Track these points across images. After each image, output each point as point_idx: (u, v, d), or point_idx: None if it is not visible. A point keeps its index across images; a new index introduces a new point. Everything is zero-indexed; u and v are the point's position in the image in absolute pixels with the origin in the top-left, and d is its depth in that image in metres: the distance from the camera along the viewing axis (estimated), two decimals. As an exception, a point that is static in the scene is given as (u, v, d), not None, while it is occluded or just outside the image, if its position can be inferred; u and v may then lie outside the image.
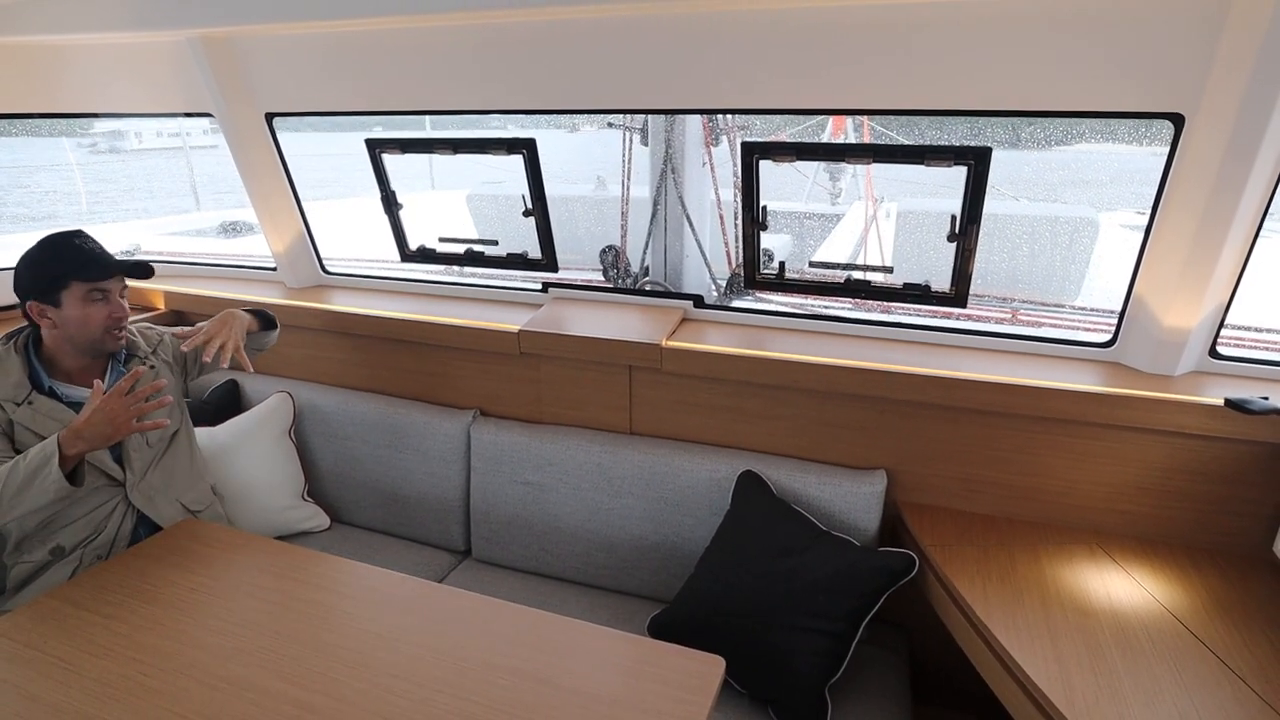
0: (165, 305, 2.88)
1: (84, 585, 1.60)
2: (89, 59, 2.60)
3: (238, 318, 2.03)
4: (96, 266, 1.78)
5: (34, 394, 1.77)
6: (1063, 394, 1.79)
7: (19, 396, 1.76)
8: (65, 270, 1.75)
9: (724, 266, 3.58)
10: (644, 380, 2.21)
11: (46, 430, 1.74)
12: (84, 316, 1.77)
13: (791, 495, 2.00)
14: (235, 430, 2.45)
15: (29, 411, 1.76)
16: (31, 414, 1.76)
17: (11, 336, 1.84)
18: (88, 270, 1.76)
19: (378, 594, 1.59)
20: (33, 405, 1.76)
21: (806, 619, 1.71)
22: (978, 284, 2.02)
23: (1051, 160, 14.27)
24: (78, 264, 1.76)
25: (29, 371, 1.80)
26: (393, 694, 1.29)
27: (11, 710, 1.26)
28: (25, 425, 1.74)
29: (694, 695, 1.29)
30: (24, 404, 1.76)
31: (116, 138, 32.27)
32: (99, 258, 1.80)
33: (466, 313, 2.49)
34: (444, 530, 2.44)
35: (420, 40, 2.14)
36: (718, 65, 1.90)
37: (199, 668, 1.35)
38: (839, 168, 9.72)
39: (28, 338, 1.84)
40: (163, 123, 30.50)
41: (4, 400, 1.75)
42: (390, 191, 2.56)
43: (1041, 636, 1.48)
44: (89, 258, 1.78)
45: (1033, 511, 1.94)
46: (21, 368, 1.79)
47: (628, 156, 3.60)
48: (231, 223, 10.32)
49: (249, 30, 2.21)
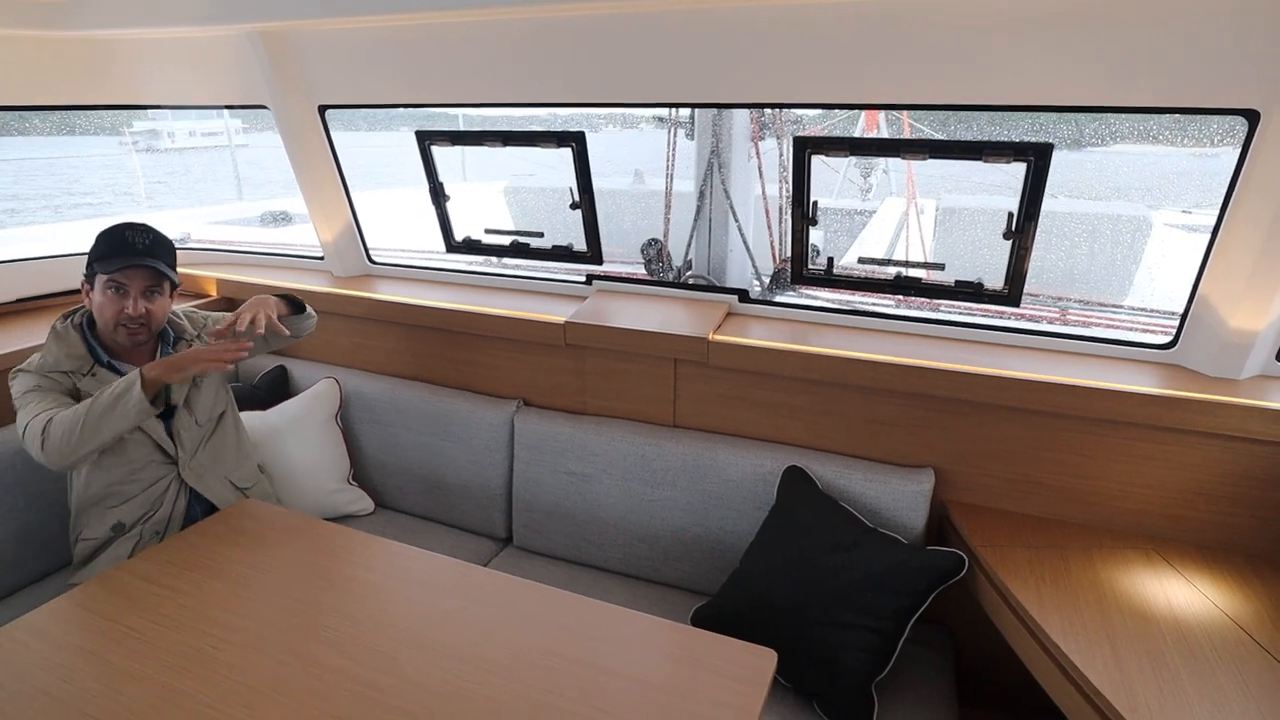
0: (217, 292, 2.94)
1: (150, 560, 1.65)
2: (152, 53, 2.66)
3: (266, 299, 2.04)
4: (114, 258, 1.79)
5: (95, 366, 1.85)
6: (1122, 395, 1.76)
7: (83, 368, 1.83)
8: (95, 255, 1.81)
9: (768, 261, 3.57)
10: (689, 373, 2.21)
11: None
12: (100, 305, 1.82)
13: (837, 491, 1.99)
14: (284, 414, 2.50)
15: (93, 381, 1.82)
16: (95, 384, 1.82)
17: (68, 315, 1.90)
18: (106, 261, 1.79)
19: (430, 577, 1.61)
20: (95, 376, 1.84)
21: (853, 615, 1.70)
22: (1029, 282, 1.99)
23: (1091, 160, 14.03)
24: (103, 251, 1.81)
25: (87, 348, 1.86)
26: (452, 674, 1.32)
27: (91, 675, 1.31)
28: (89, 392, 1.80)
29: (747, 686, 1.30)
30: (88, 374, 1.83)
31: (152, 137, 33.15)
32: (123, 250, 1.80)
33: (508, 303, 2.51)
34: (486, 517, 2.47)
35: (468, 34, 2.15)
36: (767, 59, 1.89)
37: (266, 643, 1.39)
38: (871, 163, 9.62)
39: (83, 317, 1.90)
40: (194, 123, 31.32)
41: (71, 370, 1.82)
42: (439, 183, 2.59)
43: (1100, 641, 1.46)
44: (116, 248, 1.80)
45: (1086, 514, 1.92)
46: (80, 343, 1.86)
47: (672, 151, 3.60)
48: (273, 213, 10.52)
49: (305, 25, 2.25)
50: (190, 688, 1.29)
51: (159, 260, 1.83)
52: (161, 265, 1.83)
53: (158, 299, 1.86)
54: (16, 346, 2.27)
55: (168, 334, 2.00)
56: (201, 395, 2.02)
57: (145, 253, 1.82)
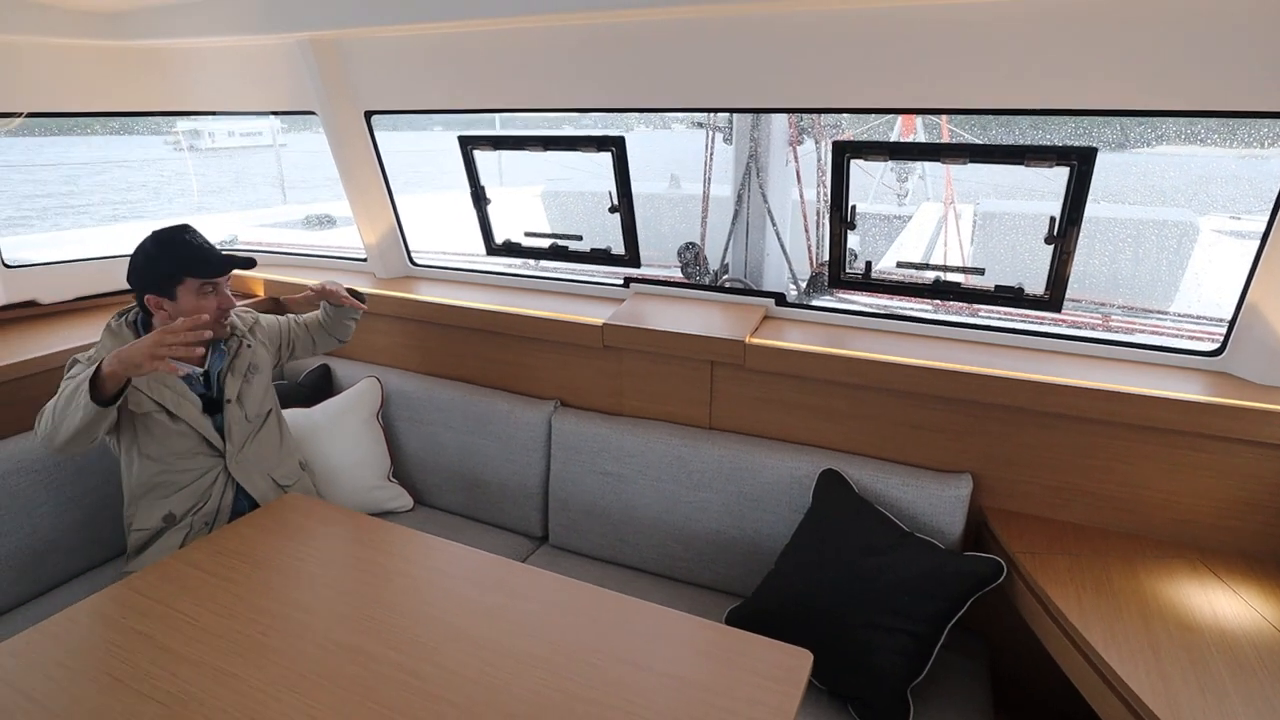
0: (265, 292, 3.02)
1: (202, 549, 1.71)
2: (206, 61, 2.75)
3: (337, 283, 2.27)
4: (209, 265, 1.88)
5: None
6: (1167, 403, 1.73)
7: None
8: (180, 268, 1.86)
9: (805, 265, 3.57)
10: (726, 376, 2.23)
11: (159, 394, 1.90)
12: (197, 308, 1.87)
13: (873, 495, 1.99)
14: (327, 411, 2.56)
15: (144, 377, 1.87)
16: (147, 379, 1.88)
17: (122, 314, 1.97)
18: (201, 268, 1.87)
19: (469, 572, 1.65)
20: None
21: (889, 618, 1.70)
22: (1071, 288, 1.97)
23: (1136, 163, 13.72)
24: (192, 262, 1.87)
25: None
26: (491, 666, 1.35)
27: (148, 658, 1.37)
28: (139, 387, 1.87)
29: (783, 686, 1.30)
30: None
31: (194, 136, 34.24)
32: (210, 255, 1.90)
33: (547, 305, 2.54)
34: (522, 516, 2.51)
35: (511, 40, 2.20)
36: (806, 64, 1.90)
37: (313, 631, 1.44)
38: (908, 168, 9.53)
39: (137, 316, 1.96)
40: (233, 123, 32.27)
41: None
42: (480, 187, 2.64)
43: (1143, 650, 1.44)
44: (202, 255, 1.89)
45: (1128, 523, 1.89)
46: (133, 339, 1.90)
47: (710, 154, 3.62)
48: (316, 216, 10.76)
49: (355, 33, 2.31)
50: (241, 671, 1.34)
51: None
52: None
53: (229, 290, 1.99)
54: (78, 342, 2.37)
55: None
56: (253, 391, 2.09)
57: (216, 251, 1.93)
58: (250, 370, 2.09)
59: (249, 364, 2.10)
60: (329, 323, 2.34)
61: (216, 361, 2.03)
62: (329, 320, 2.34)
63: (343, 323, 2.35)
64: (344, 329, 2.37)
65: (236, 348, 2.07)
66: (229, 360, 2.05)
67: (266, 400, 2.16)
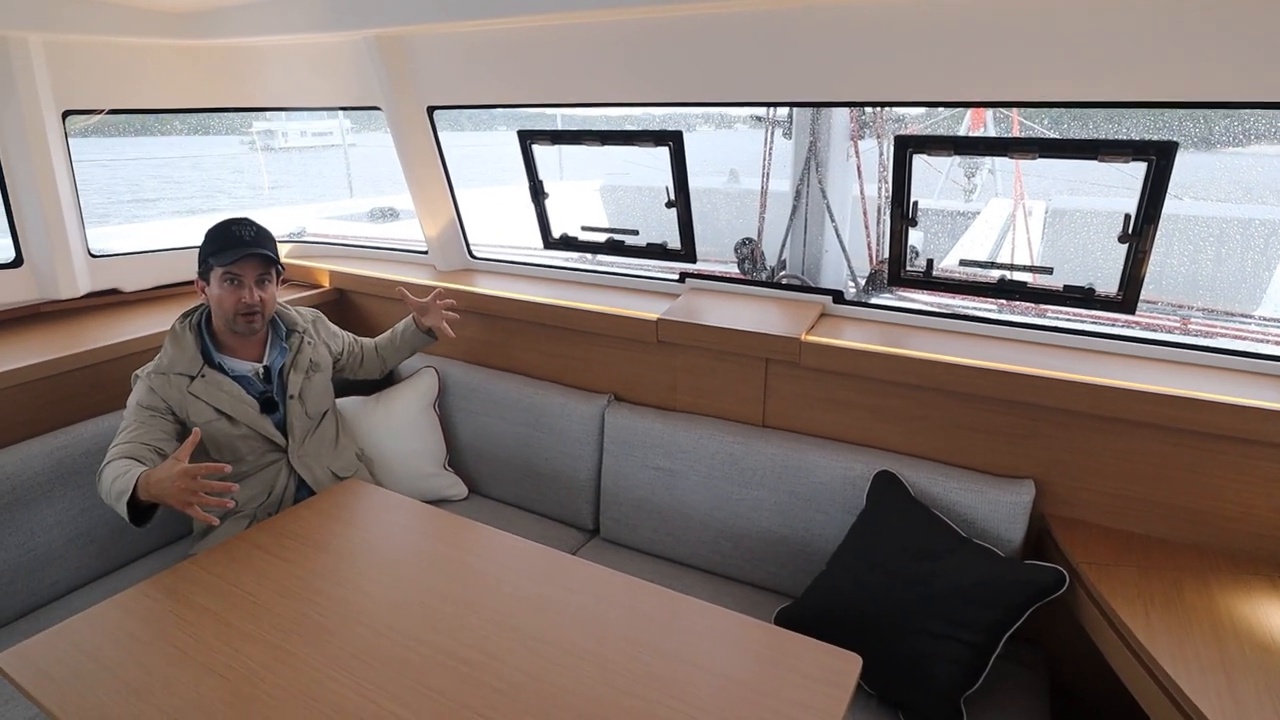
0: (329, 283, 3.11)
1: (266, 531, 1.78)
2: (276, 58, 2.85)
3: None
4: (227, 251, 1.89)
5: (205, 368, 1.96)
6: (1244, 411, 1.64)
7: (194, 370, 1.94)
8: (209, 251, 1.92)
9: (864, 262, 3.50)
10: (780, 373, 2.20)
11: (217, 401, 1.94)
12: (219, 297, 1.92)
13: (930, 499, 1.94)
14: (386, 400, 2.63)
15: (203, 384, 1.94)
16: (205, 386, 1.94)
17: (187, 315, 2.04)
18: (221, 254, 1.90)
19: (521, 562, 1.67)
20: (205, 379, 1.95)
21: (944, 626, 1.66)
22: (1147, 289, 1.88)
23: (1220, 160, 12.99)
24: (216, 247, 1.91)
25: (201, 347, 1.98)
26: (539, 657, 1.36)
27: (212, 633, 1.43)
28: (199, 396, 1.93)
29: (831, 689, 1.29)
30: (198, 377, 1.94)
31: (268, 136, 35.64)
32: (233, 242, 1.90)
33: (603, 300, 2.55)
34: (574, 508, 2.53)
35: (571, 35, 2.21)
36: (869, 57, 1.85)
37: (367, 614, 1.48)
38: (976, 163, 9.23)
39: (201, 314, 2.03)
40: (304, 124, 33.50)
41: (183, 373, 1.93)
42: (538, 181, 2.67)
43: (1214, 670, 1.38)
44: (227, 242, 1.90)
45: (1201, 536, 1.80)
46: (195, 344, 1.97)
47: (769, 150, 3.58)
48: (381, 209, 11.06)
49: (419, 29, 2.36)
50: (298, 650, 1.39)
51: (266, 249, 1.94)
52: (270, 252, 1.94)
53: (268, 286, 1.97)
54: (157, 329, 2.48)
55: (279, 326, 2.13)
56: (314, 387, 2.15)
57: (253, 243, 1.92)
58: (312, 368, 2.15)
59: (310, 360, 2.14)
60: (403, 344, 2.41)
61: (278, 358, 2.08)
62: (403, 342, 2.41)
63: (414, 347, 2.41)
64: (411, 350, 2.43)
65: (298, 344, 2.12)
66: (292, 356, 2.10)
67: (325, 399, 2.21)
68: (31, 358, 2.23)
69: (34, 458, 2.10)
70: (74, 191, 2.65)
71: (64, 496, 2.13)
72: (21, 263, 2.63)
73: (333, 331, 2.33)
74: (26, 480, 2.07)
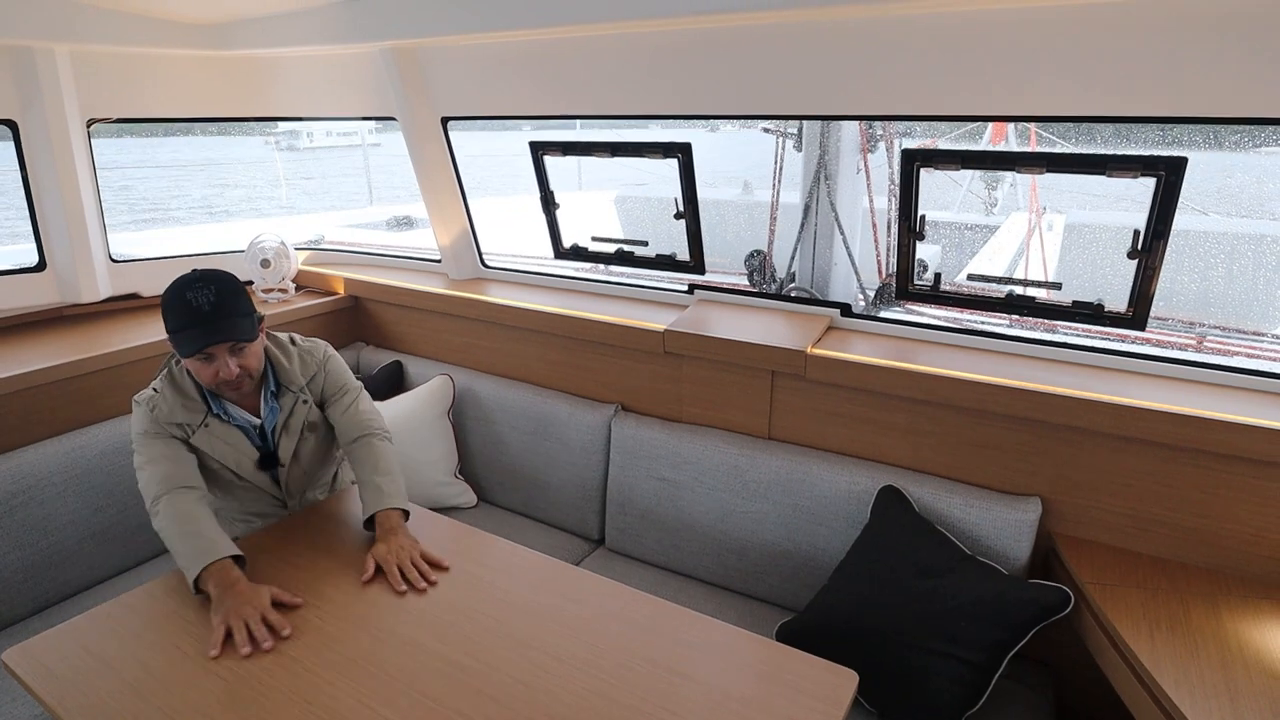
0: (344, 290, 3.15)
1: (273, 534, 1.80)
2: (295, 70, 2.90)
3: (396, 531, 1.74)
4: (185, 333, 1.65)
5: (209, 417, 1.79)
6: (1257, 431, 1.61)
7: (196, 421, 1.78)
8: (168, 328, 1.69)
9: (873, 275, 3.49)
10: (786, 386, 2.20)
11: (217, 451, 1.79)
12: (196, 369, 1.71)
13: (935, 515, 1.93)
14: (400, 407, 2.64)
15: (206, 435, 1.78)
16: (208, 437, 1.79)
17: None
18: (180, 340, 1.66)
19: (525, 572, 1.68)
20: (208, 428, 1.79)
21: (946, 644, 1.64)
22: (1158, 305, 1.86)
23: (1234, 174, 12.78)
24: (173, 326, 1.68)
25: (203, 394, 1.80)
26: (535, 666, 1.37)
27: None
28: (200, 447, 1.78)
29: (825, 705, 1.28)
30: (200, 427, 1.78)
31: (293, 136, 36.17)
32: (191, 320, 1.65)
33: (612, 310, 2.56)
34: (580, 518, 2.53)
35: (584, 48, 2.23)
36: (878, 71, 1.86)
37: (368, 620, 1.49)
38: (996, 176, 9.16)
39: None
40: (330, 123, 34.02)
41: (186, 423, 1.77)
42: (549, 192, 2.69)
43: (1219, 696, 1.35)
44: (184, 319, 1.66)
45: (1212, 558, 1.77)
46: (194, 389, 1.79)
47: (779, 161, 3.58)
48: (397, 217, 11.18)
49: (434, 41, 2.40)
50: (298, 654, 1.41)
51: (229, 319, 1.67)
52: (235, 321, 1.68)
53: (245, 351, 1.73)
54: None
55: (268, 379, 1.86)
56: (310, 448, 1.97)
57: (213, 314, 1.65)
58: (307, 429, 1.93)
59: (305, 422, 1.91)
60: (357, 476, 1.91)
61: (269, 417, 1.88)
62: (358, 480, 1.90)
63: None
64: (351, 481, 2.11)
65: (291, 405, 1.89)
66: (284, 417, 1.89)
67: (325, 454, 2.04)
68: (52, 359, 2.28)
69: (51, 457, 2.14)
70: (96, 198, 2.71)
71: (78, 496, 2.17)
72: (45, 267, 2.69)
73: (338, 382, 1.99)
74: (43, 479, 2.11)
